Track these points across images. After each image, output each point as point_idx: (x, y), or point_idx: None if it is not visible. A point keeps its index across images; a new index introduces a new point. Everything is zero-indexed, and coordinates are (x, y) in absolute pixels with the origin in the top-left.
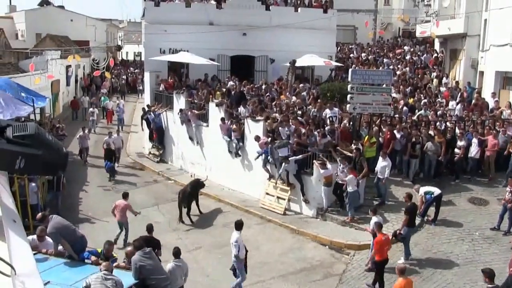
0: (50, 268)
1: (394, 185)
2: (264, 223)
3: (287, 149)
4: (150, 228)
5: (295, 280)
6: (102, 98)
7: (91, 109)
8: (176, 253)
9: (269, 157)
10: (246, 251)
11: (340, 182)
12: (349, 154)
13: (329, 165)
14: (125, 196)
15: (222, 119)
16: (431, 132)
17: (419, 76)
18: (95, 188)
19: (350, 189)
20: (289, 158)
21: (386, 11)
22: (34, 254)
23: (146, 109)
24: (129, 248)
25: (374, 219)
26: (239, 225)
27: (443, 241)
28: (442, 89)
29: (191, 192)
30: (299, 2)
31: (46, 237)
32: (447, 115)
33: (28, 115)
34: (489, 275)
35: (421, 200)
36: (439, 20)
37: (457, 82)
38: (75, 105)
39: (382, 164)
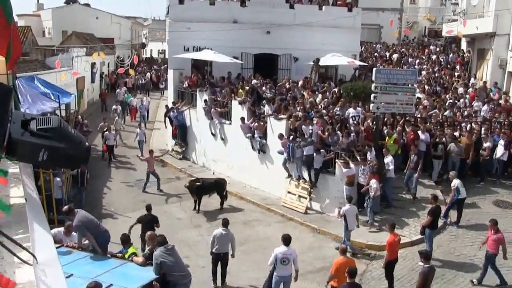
0: (73, 261)
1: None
2: (285, 221)
3: (313, 147)
4: (148, 208)
5: (314, 278)
6: (126, 95)
7: (114, 106)
8: (225, 223)
9: (288, 155)
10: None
11: (361, 182)
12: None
13: (352, 165)
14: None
15: (242, 119)
16: (456, 133)
17: (445, 76)
18: (118, 184)
19: (372, 194)
20: (319, 153)
21: (412, 10)
22: (58, 247)
23: (170, 106)
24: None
25: (347, 206)
26: (286, 240)
27: (466, 244)
28: (469, 89)
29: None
30: (323, 0)
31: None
32: (473, 116)
33: (53, 111)
34: (425, 256)
35: (453, 192)
36: (467, 19)
37: (484, 82)
38: (104, 97)
39: (385, 161)
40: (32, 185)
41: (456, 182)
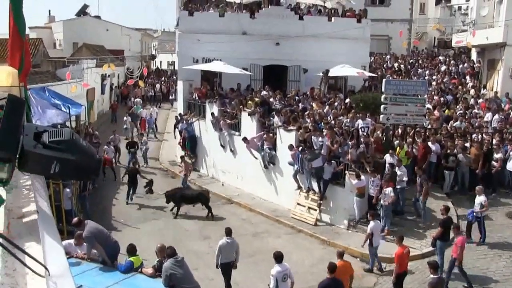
0: (83, 272)
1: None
2: (295, 233)
3: (320, 159)
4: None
5: None
6: (136, 106)
7: (124, 118)
8: (228, 232)
9: (298, 167)
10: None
11: (371, 194)
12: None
13: (362, 176)
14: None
15: (244, 139)
16: (467, 144)
17: (455, 86)
18: None
19: (385, 202)
20: (329, 165)
21: (421, 21)
22: (68, 258)
23: (179, 118)
24: (158, 245)
25: (372, 223)
26: (278, 257)
27: (479, 257)
28: (480, 100)
29: None
30: (332, 11)
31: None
32: (484, 126)
33: (64, 122)
34: (433, 266)
35: (486, 207)
36: (477, 30)
37: (495, 93)
38: (115, 108)
39: (398, 173)
40: (44, 196)
41: (483, 198)
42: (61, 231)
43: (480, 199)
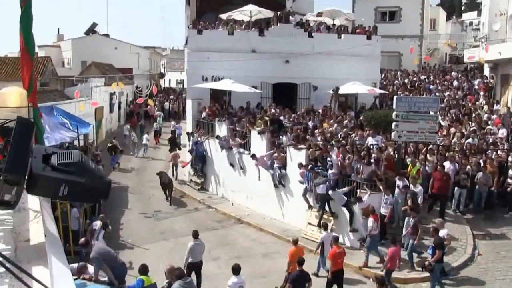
0: None
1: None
2: (306, 253)
3: (325, 187)
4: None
5: None
6: (158, 119)
7: (126, 126)
8: (195, 234)
9: (307, 186)
10: None
11: (383, 213)
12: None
13: (364, 198)
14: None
15: (253, 156)
16: (481, 162)
17: (473, 102)
18: (136, 215)
19: (368, 232)
20: (335, 191)
21: (432, 37)
22: (75, 279)
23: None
24: (168, 266)
25: (323, 233)
26: (235, 270)
27: (497, 278)
28: (493, 116)
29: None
30: (342, 29)
31: (88, 266)
32: (498, 143)
33: (72, 141)
34: (379, 281)
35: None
36: (489, 45)
37: (508, 108)
38: (134, 124)
39: (415, 191)
40: (51, 218)
41: (446, 232)
42: (68, 251)
43: (442, 232)
